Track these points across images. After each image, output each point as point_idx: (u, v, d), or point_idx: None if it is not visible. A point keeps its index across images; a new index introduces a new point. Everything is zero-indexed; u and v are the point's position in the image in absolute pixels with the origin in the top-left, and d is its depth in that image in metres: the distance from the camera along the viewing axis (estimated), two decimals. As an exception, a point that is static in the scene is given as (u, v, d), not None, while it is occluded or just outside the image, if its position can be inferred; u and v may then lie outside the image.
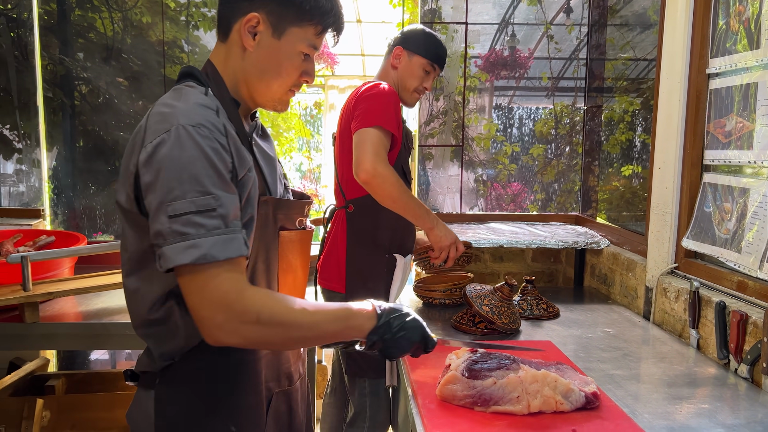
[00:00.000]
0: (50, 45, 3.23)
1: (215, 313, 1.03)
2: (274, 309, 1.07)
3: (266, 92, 1.25)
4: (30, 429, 2.47)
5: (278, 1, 1.20)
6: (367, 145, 2.04)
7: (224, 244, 1.04)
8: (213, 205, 1.04)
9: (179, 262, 1.02)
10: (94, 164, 3.36)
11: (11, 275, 2.21)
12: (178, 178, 1.03)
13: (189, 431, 1.19)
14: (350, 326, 1.16)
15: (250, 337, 1.06)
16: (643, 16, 2.85)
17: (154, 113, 1.12)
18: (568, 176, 3.43)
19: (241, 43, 1.21)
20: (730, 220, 1.86)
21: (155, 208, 1.04)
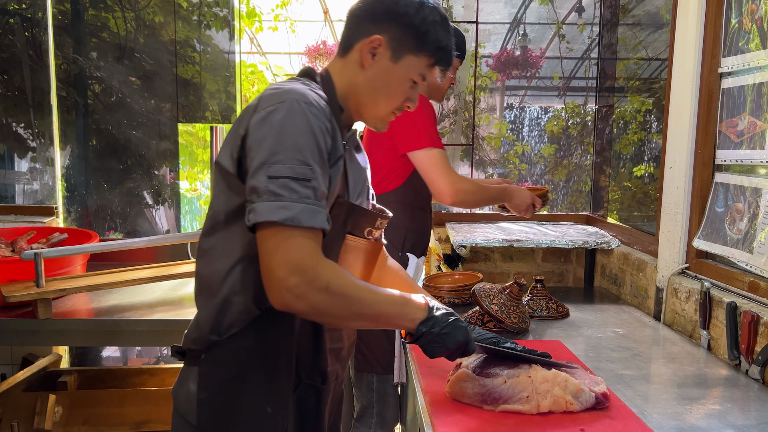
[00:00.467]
0: (64, 44, 3.27)
1: (289, 275, 1.07)
2: (343, 281, 1.13)
3: (372, 109, 1.36)
4: (42, 424, 2.50)
5: (402, 29, 1.31)
6: (433, 167, 2.18)
7: (311, 213, 1.10)
8: (309, 175, 1.12)
9: (268, 218, 1.08)
10: (106, 162, 3.39)
11: (25, 272, 2.24)
12: (283, 144, 1.12)
13: (229, 408, 1.25)
14: (405, 313, 1.23)
15: (316, 304, 1.10)
16: (656, 16, 2.83)
17: (270, 89, 1.23)
18: (578, 176, 3.41)
19: (360, 61, 1.33)
20: (741, 221, 1.84)
21: (256, 166, 1.12)
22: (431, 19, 1.32)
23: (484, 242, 2.61)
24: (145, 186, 3.48)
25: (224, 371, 1.25)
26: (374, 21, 1.32)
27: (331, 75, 1.35)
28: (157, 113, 3.37)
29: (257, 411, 1.25)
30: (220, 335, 1.25)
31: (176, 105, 3.30)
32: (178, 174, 3.70)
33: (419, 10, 1.31)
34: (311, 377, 1.33)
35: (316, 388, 1.34)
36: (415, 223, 2.29)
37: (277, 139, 1.13)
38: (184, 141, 4.00)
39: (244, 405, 1.25)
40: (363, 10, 1.34)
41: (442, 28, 1.34)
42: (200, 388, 1.26)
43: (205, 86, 3.37)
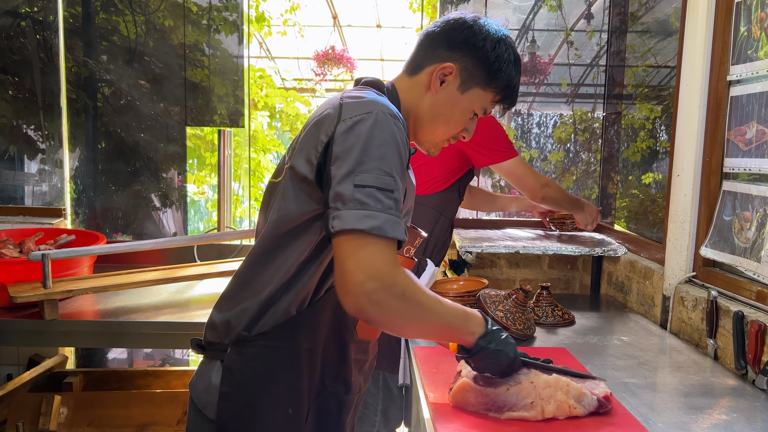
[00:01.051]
0: (75, 47, 3.29)
1: (368, 280, 1.08)
2: (418, 289, 1.15)
3: (430, 134, 1.39)
4: (47, 425, 2.51)
5: (475, 61, 1.33)
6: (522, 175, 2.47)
7: (394, 223, 1.13)
8: (392, 186, 1.14)
9: (355, 226, 1.09)
10: (115, 165, 3.41)
11: (32, 273, 2.26)
12: (370, 154, 1.14)
13: (251, 404, 1.27)
14: (466, 326, 1.25)
15: (391, 310, 1.11)
16: (665, 23, 2.83)
17: (351, 96, 1.23)
18: (586, 183, 3.40)
19: (428, 84, 1.34)
20: (749, 229, 1.83)
21: (343, 174, 1.13)
22: (506, 57, 1.33)
23: (490, 248, 2.60)
24: (153, 188, 3.49)
25: (250, 368, 1.27)
26: (450, 48, 1.33)
27: (398, 92, 1.37)
28: (166, 116, 3.39)
29: (278, 410, 1.27)
30: (250, 332, 1.27)
31: (185, 108, 3.32)
32: (185, 177, 3.72)
33: (496, 46, 1.33)
34: (335, 385, 1.34)
35: (338, 397, 1.35)
36: (440, 231, 2.37)
37: (364, 148, 1.14)
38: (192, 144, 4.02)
39: (266, 403, 1.27)
40: (440, 35, 1.35)
41: (514, 67, 1.36)
42: (224, 382, 1.27)
43: (214, 90, 3.39)
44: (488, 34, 1.33)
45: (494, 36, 1.34)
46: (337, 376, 1.34)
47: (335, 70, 5.33)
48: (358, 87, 1.34)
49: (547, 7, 3.38)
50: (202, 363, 1.35)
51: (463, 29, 1.34)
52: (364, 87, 1.33)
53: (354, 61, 5.70)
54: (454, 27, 1.35)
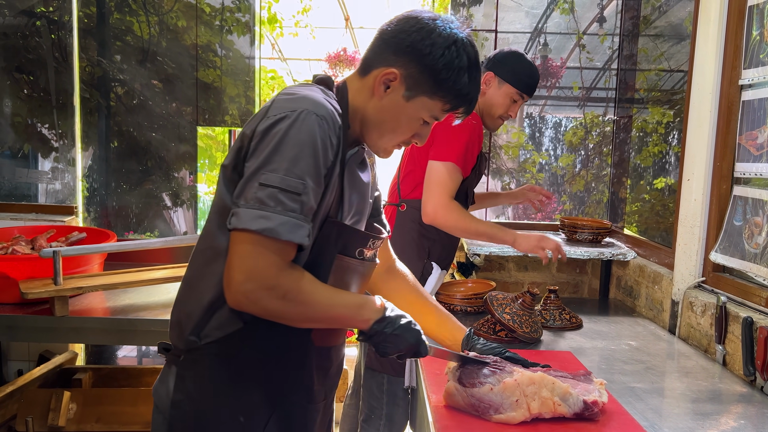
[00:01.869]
0: (89, 47, 3.32)
1: (247, 281, 1.10)
2: (302, 290, 1.15)
3: (377, 139, 1.32)
4: (56, 420, 2.53)
5: (420, 68, 1.24)
6: (434, 183, 2.15)
7: (292, 227, 1.11)
8: (300, 189, 1.12)
9: (247, 227, 1.09)
10: (127, 164, 3.43)
11: (43, 269, 2.28)
12: (282, 154, 1.12)
13: (201, 413, 1.25)
14: (360, 314, 1.25)
15: (269, 308, 1.13)
16: (679, 27, 2.81)
17: (285, 93, 1.21)
18: (596, 187, 3.39)
19: (373, 88, 1.28)
20: (760, 235, 1.82)
21: (252, 171, 1.12)
22: (456, 64, 1.24)
23: (498, 251, 2.60)
24: (164, 188, 3.52)
25: (200, 376, 1.25)
26: (396, 53, 1.25)
27: (348, 91, 1.31)
28: (178, 116, 3.41)
29: (229, 420, 1.24)
30: (200, 339, 1.24)
31: (196, 108, 3.34)
32: (196, 176, 3.74)
33: (445, 53, 1.23)
34: (296, 395, 1.31)
35: (302, 407, 1.32)
36: (445, 235, 2.29)
37: (276, 148, 1.12)
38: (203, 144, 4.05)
39: (216, 412, 1.24)
40: (390, 36, 1.27)
41: (467, 74, 1.26)
42: (176, 390, 1.26)
43: (226, 90, 3.40)
44: (438, 39, 1.23)
45: (445, 41, 1.23)
46: (298, 385, 1.31)
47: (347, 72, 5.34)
48: (303, 84, 1.29)
49: (560, 10, 3.37)
50: (164, 367, 1.32)
51: (411, 32, 1.24)
52: (310, 85, 1.28)
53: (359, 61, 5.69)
54: (403, 29, 1.25)
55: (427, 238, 2.30)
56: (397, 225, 2.31)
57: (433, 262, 2.32)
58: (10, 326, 2.26)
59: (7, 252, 2.43)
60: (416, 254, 2.29)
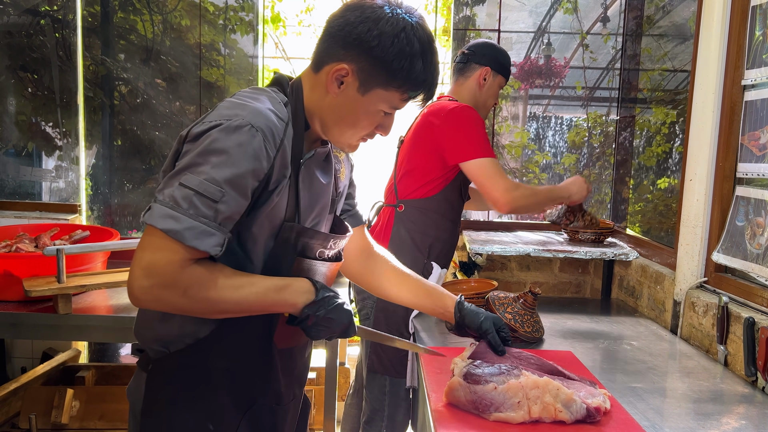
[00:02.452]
0: (93, 46, 3.33)
1: (145, 277, 1.07)
2: (204, 286, 1.12)
3: (338, 136, 1.29)
4: (59, 418, 2.55)
5: (371, 61, 1.20)
6: (487, 179, 2.20)
7: (200, 233, 1.09)
8: (217, 197, 1.09)
9: (154, 224, 1.08)
10: (130, 163, 3.44)
11: (47, 267, 2.29)
12: (207, 159, 1.10)
13: (172, 419, 1.25)
14: (284, 298, 1.21)
15: (171, 304, 1.11)
16: (683, 27, 2.81)
17: (229, 100, 1.19)
18: (599, 187, 3.39)
19: (326, 85, 1.23)
20: (762, 235, 1.82)
21: (176, 170, 1.12)
22: (408, 51, 1.19)
23: (500, 250, 2.60)
24: (168, 186, 3.53)
25: (169, 385, 1.25)
26: (345, 47, 1.21)
27: (303, 88, 1.28)
28: (181, 115, 3.42)
29: (200, 426, 1.24)
30: (169, 348, 1.24)
31: (199, 107, 3.35)
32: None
33: (394, 42, 1.18)
34: (265, 398, 1.31)
35: (271, 409, 1.32)
36: (443, 234, 2.33)
37: (203, 152, 1.10)
38: (206, 143, 4.05)
39: (185, 420, 1.24)
40: (337, 30, 1.22)
41: (422, 59, 1.21)
42: (146, 398, 1.26)
43: (229, 89, 3.41)
44: (384, 28, 1.18)
45: (392, 29, 1.18)
46: (266, 388, 1.31)
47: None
48: (254, 89, 1.26)
49: (563, 9, 3.37)
50: (136, 370, 1.33)
51: (356, 24, 1.19)
52: (259, 89, 1.26)
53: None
54: (348, 21, 1.20)
55: (427, 237, 2.30)
56: (395, 226, 2.32)
57: (433, 262, 2.33)
58: (14, 324, 2.27)
59: (10, 250, 2.44)
60: (416, 255, 2.29)
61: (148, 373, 1.26)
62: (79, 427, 2.60)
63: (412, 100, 1.27)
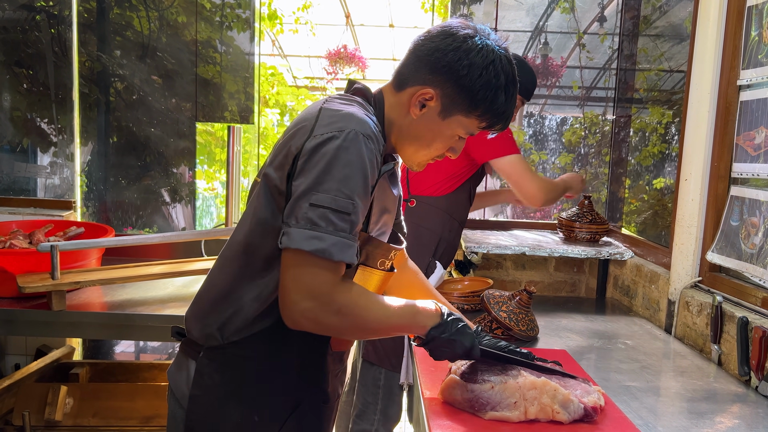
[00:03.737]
0: (88, 42, 3.32)
1: (302, 300, 1.12)
2: (357, 304, 1.18)
3: (412, 154, 1.33)
4: (53, 415, 2.54)
5: (457, 89, 1.24)
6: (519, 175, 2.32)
7: (343, 247, 1.14)
8: (350, 209, 1.14)
9: (300, 247, 1.12)
10: (125, 159, 3.43)
11: (41, 264, 2.28)
12: (332, 174, 1.13)
13: (220, 409, 1.28)
14: (416, 322, 1.28)
15: (326, 325, 1.17)
16: (679, 27, 2.81)
17: (329, 109, 1.21)
18: (595, 186, 3.39)
19: (409, 106, 1.28)
20: (756, 235, 1.82)
21: (302, 190, 1.14)
22: (494, 83, 1.24)
23: (496, 249, 2.60)
24: (163, 183, 3.52)
25: (220, 375, 1.28)
26: (433, 71, 1.25)
27: (384, 103, 1.32)
28: (177, 112, 3.41)
29: (245, 419, 1.27)
30: (224, 338, 1.28)
31: (195, 104, 3.34)
32: (195, 173, 3.74)
33: (483, 74, 1.23)
34: (314, 398, 1.34)
35: (318, 408, 1.36)
36: (450, 234, 2.35)
37: (326, 168, 1.13)
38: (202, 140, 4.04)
39: (233, 410, 1.27)
40: (425, 54, 1.26)
41: (504, 92, 1.25)
42: (194, 385, 1.29)
43: (225, 86, 3.41)
44: (475, 59, 1.22)
45: (482, 61, 1.23)
46: (316, 389, 1.34)
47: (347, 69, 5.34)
48: (343, 96, 1.30)
49: (561, 9, 3.37)
50: (180, 353, 1.36)
51: (447, 52, 1.23)
52: (349, 97, 1.29)
53: (366, 61, 5.70)
54: (439, 47, 1.24)
55: (434, 235, 2.31)
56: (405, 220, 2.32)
57: (437, 261, 2.33)
58: (8, 320, 2.26)
59: (4, 246, 2.43)
60: (422, 251, 2.30)
61: (197, 360, 1.29)
62: (72, 424, 2.59)
63: (488, 129, 1.31)
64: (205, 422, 1.29)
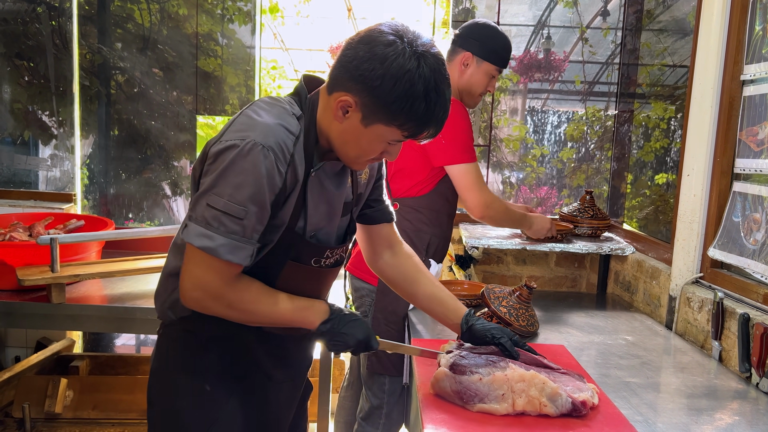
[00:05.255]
0: (89, 34, 3.31)
1: (194, 289, 1.26)
2: (246, 300, 1.30)
3: (344, 157, 1.35)
4: (53, 407, 2.54)
5: (374, 99, 1.22)
6: (468, 187, 2.23)
7: (232, 248, 1.23)
8: (241, 215, 1.21)
9: (192, 243, 1.23)
10: (126, 152, 3.43)
11: (41, 256, 2.28)
12: (227, 180, 1.21)
13: (174, 379, 1.41)
14: (304, 317, 1.37)
15: (215, 312, 1.30)
16: (682, 22, 2.79)
17: (245, 115, 1.27)
18: (597, 181, 3.38)
19: (334, 111, 1.28)
20: (758, 231, 1.81)
21: (202, 190, 1.24)
22: (411, 93, 1.19)
23: (496, 244, 2.59)
24: (164, 176, 3.51)
25: (172, 348, 1.43)
26: (351, 79, 1.22)
27: (319, 104, 1.32)
28: (178, 105, 3.40)
29: (198, 388, 1.39)
30: (175, 315, 1.41)
31: (196, 97, 3.33)
32: (196, 166, 3.73)
33: (396, 84, 1.18)
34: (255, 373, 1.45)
35: (263, 383, 1.47)
36: (439, 229, 2.32)
37: (222, 174, 1.21)
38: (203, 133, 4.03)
39: (184, 380, 1.40)
40: (347, 61, 1.23)
41: (424, 101, 1.20)
42: (154, 358, 1.46)
43: (226, 79, 3.39)
44: (390, 69, 1.18)
45: (397, 71, 1.18)
46: (254, 365, 1.44)
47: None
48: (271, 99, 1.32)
49: (563, 3, 3.35)
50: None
51: (364, 60, 1.20)
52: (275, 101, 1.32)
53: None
54: (357, 55, 1.21)
55: (424, 234, 2.28)
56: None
57: (431, 259, 2.32)
58: (8, 313, 2.26)
59: (4, 238, 2.43)
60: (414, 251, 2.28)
61: (158, 337, 1.46)
62: (72, 416, 2.59)
63: (414, 138, 1.29)
64: (162, 393, 1.42)
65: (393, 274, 1.65)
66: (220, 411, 1.40)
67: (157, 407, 1.44)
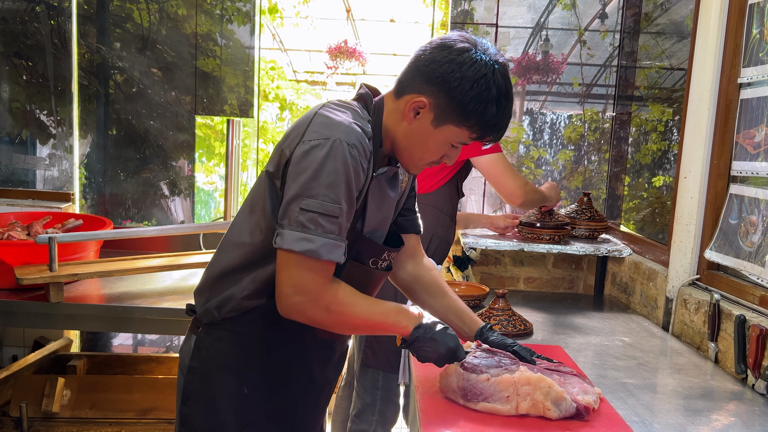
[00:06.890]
0: (88, 34, 3.31)
1: (295, 294, 1.26)
2: (343, 302, 1.29)
3: (407, 159, 1.40)
4: (50, 406, 2.54)
5: (449, 100, 1.30)
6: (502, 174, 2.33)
7: (331, 247, 1.24)
8: (337, 213, 1.24)
9: (290, 248, 1.23)
10: (125, 152, 3.43)
11: (39, 255, 2.28)
12: (319, 181, 1.23)
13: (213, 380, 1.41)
14: (398, 322, 1.36)
15: (314, 319, 1.29)
16: (680, 25, 2.80)
17: (322, 115, 1.30)
18: (594, 183, 3.39)
19: (404, 113, 1.35)
20: (755, 233, 1.82)
21: (292, 195, 1.24)
22: (485, 96, 1.28)
23: (494, 245, 2.60)
24: (162, 177, 3.51)
25: (214, 348, 1.41)
26: (428, 81, 1.31)
27: (384, 109, 1.39)
28: (176, 105, 3.40)
29: (235, 390, 1.39)
30: (220, 315, 1.39)
31: (195, 97, 3.33)
32: (194, 166, 3.73)
33: (474, 86, 1.27)
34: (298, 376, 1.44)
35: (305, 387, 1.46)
36: (441, 230, 2.34)
37: (314, 175, 1.23)
38: (202, 133, 4.04)
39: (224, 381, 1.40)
40: (423, 64, 1.32)
41: (495, 105, 1.30)
42: (192, 357, 1.42)
43: (225, 80, 3.40)
44: (467, 73, 1.28)
45: (474, 74, 1.28)
46: (299, 369, 1.44)
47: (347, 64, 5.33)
48: (340, 102, 1.37)
49: (562, 5, 3.36)
50: (188, 329, 1.48)
51: (442, 64, 1.29)
52: (346, 103, 1.37)
53: (366, 56, 5.69)
54: (435, 58, 1.30)
55: (426, 232, 2.29)
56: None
57: (431, 259, 2.33)
58: (5, 311, 2.26)
59: (2, 237, 2.43)
60: None
61: (197, 335, 1.42)
62: (70, 416, 2.59)
63: (480, 140, 1.36)
64: (200, 391, 1.41)
65: (413, 285, 1.67)
66: (257, 413, 1.41)
67: (194, 404, 1.43)
